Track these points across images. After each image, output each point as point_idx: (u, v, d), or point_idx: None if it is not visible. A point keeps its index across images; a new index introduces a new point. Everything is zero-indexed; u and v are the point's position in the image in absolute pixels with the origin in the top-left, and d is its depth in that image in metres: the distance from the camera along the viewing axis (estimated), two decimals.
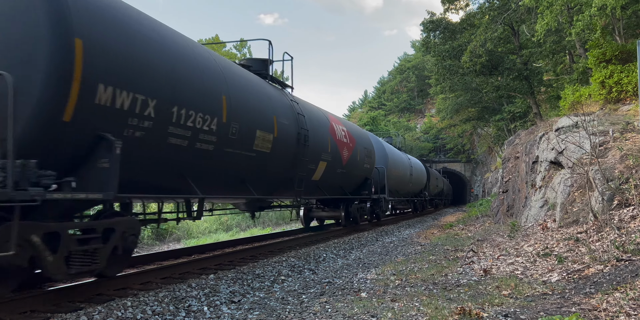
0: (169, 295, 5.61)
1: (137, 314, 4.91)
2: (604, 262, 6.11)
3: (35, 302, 5.05)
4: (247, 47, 43.67)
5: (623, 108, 13.43)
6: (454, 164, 54.26)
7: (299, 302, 5.71)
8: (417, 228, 18.87)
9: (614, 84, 14.47)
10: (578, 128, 10.91)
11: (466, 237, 12.87)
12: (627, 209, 7.51)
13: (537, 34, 16.61)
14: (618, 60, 15.13)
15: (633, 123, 10.81)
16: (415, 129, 63.83)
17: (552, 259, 7.04)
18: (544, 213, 10.78)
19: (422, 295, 5.63)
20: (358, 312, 4.94)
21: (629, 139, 9.71)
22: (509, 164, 18.60)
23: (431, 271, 7.44)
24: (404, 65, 78.48)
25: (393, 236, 15.04)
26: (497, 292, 5.64)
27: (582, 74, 18.89)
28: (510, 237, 10.25)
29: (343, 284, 6.83)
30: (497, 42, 24.69)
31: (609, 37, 16.60)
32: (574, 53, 21.85)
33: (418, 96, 73.09)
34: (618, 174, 8.29)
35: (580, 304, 4.77)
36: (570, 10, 17.19)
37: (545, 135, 13.02)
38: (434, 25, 28.24)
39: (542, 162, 12.27)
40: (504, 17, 23.08)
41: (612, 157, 9.08)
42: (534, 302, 5.01)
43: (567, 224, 8.75)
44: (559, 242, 7.84)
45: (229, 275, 6.94)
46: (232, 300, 5.96)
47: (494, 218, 17.82)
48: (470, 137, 51.48)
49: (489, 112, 37.28)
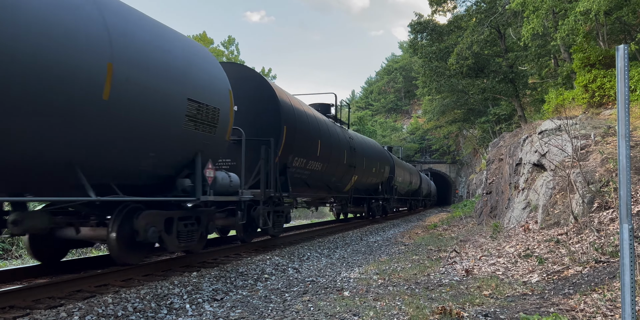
0: (151, 292, 5.57)
1: (117, 311, 4.87)
2: (583, 263, 6.22)
3: (14, 298, 4.99)
4: (234, 44, 43.53)
5: (605, 112, 13.64)
6: (440, 165, 54.66)
7: (281, 300, 5.71)
8: (401, 228, 18.97)
9: (597, 89, 14.69)
10: (561, 131, 11.06)
11: (450, 237, 12.98)
12: (607, 211, 7.64)
13: (524, 38, 16.77)
14: (602, 65, 15.36)
15: (614, 127, 10.98)
16: (401, 130, 64.17)
17: (532, 260, 7.13)
18: (526, 215, 10.90)
19: (404, 295, 5.67)
20: (340, 310, 4.96)
21: (610, 143, 9.87)
22: (493, 165, 18.77)
23: (414, 271, 7.49)
24: (391, 66, 78.84)
25: (377, 236, 15.10)
26: (478, 292, 5.71)
27: (566, 78, 19.15)
28: (492, 238, 10.36)
29: (326, 282, 6.85)
30: (483, 44, 24.92)
31: (593, 42, 16.85)
32: (559, 57, 22.14)
33: (405, 97, 73.52)
34: (598, 177, 8.43)
35: (558, 304, 4.85)
36: (555, 15, 17.40)
37: (529, 137, 13.17)
38: (422, 26, 28.42)
39: (525, 165, 12.41)
40: (490, 20, 23.30)
41: (593, 161, 9.23)
42: (514, 302, 5.08)
43: (549, 225, 8.87)
44: (540, 243, 7.95)
45: (212, 273, 6.91)
46: (215, 298, 5.94)
47: (477, 219, 17.97)
48: (455, 138, 51.93)
49: (475, 114, 37.63)
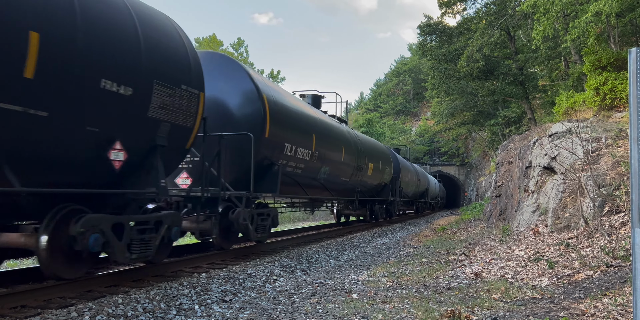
0: (160, 293, 5.61)
1: (127, 311, 4.90)
2: (593, 267, 6.17)
3: (26, 298, 5.04)
4: (244, 46, 43.71)
5: (616, 115, 13.51)
6: (448, 167, 54.44)
7: (290, 302, 5.72)
8: (409, 231, 18.92)
9: (608, 91, 14.56)
10: (571, 134, 10.98)
11: (458, 240, 12.92)
12: (618, 215, 7.58)
13: (535, 41, 16.67)
14: (613, 67, 15.22)
15: (626, 130, 10.89)
16: (410, 132, 64.00)
17: (542, 264, 7.09)
18: (535, 218, 10.83)
19: (412, 298, 5.65)
20: (349, 313, 4.96)
21: (621, 146, 9.78)
22: (503, 168, 18.68)
23: (423, 274, 7.47)
24: (400, 68, 78.65)
25: (386, 238, 15.07)
26: (487, 295, 5.68)
27: (577, 80, 19.01)
28: (501, 241, 10.31)
29: (335, 284, 6.85)
30: (493, 47, 24.84)
31: (604, 44, 16.71)
32: (569, 59, 21.99)
33: (414, 99, 73.32)
34: (610, 181, 8.36)
35: (569, 308, 4.82)
36: (566, 17, 17.29)
37: (539, 140, 13.09)
38: (431, 28, 28.39)
39: (535, 168, 12.34)
40: (500, 22, 23.22)
41: (605, 164, 9.15)
42: (524, 306, 5.05)
43: (559, 229, 8.81)
44: (550, 247, 7.90)
45: (221, 274, 6.94)
46: (224, 299, 5.96)
47: (486, 222, 17.89)
48: (464, 141, 51.68)
49: (484, 116, 37.44)
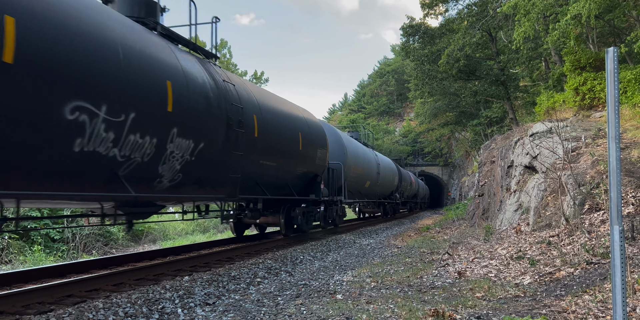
0: (142, 297, 5.53)
1: (108, 316, 4.82)
2: (574, 265, 6.24)
3: (4, 303, 4.93)
4: (227, 47, 43.39)
5: (595, 114, 13.73)
6: (432, 167, 54.80)
7: (274, 304, 5.68)
8: (394, 230, 18.98)
9: (587, 91, 14.80)
10: (552, 134, 11.12)
11: (442, 240, 12.99)
12: (598, 213, 7.69)
13: (515, 42, 16.88)
14: (592, 67, 15.48)
15: (604, 129, 11.06)
16: (394, 133, 64.26)
17: (525, 262, 7.16)
18: (518, 217, 10.95)
19: (397, 297, 5.66)
20: (333, 314, 4.95)
21: (600, 145, 9.93)
22: (485, 168, 18.85)
23: (407, 273, 7.49)
24: (383, 69, 78.94)
25: (370, 239, 15.10)
26: (470, 294, 5.71)
27: (557, 80, 19.29)
28: (485, 240, 10.39)
29: (319, 286, 6.83)
30: (475, 47, 25.09)
31: (583, 45, 16.98)
32: (550, 60, 22.30)
33: (397, 100, 73.66)
34: (589, 179, 8.48)
35: (550, 306, 4.87)
36: (546, 19, 17.53)
37: (520, 140, 13.23)
38: (414, 29, 28.57)
39: (517, 167, 12.47)
40: (482, 23, 23.45)
41: (584, 163, 9.29)
42: (506, 304, 5.09)
43: (540, 227, 8.91)
44: (532, 245, 7.98)
45: (204, 277, 6.87)
46: (207, 302, 5.90)
47: (469, 221, 18.03)
48: (448, 141, 52.10)
49: (467, 116, 37.78)
